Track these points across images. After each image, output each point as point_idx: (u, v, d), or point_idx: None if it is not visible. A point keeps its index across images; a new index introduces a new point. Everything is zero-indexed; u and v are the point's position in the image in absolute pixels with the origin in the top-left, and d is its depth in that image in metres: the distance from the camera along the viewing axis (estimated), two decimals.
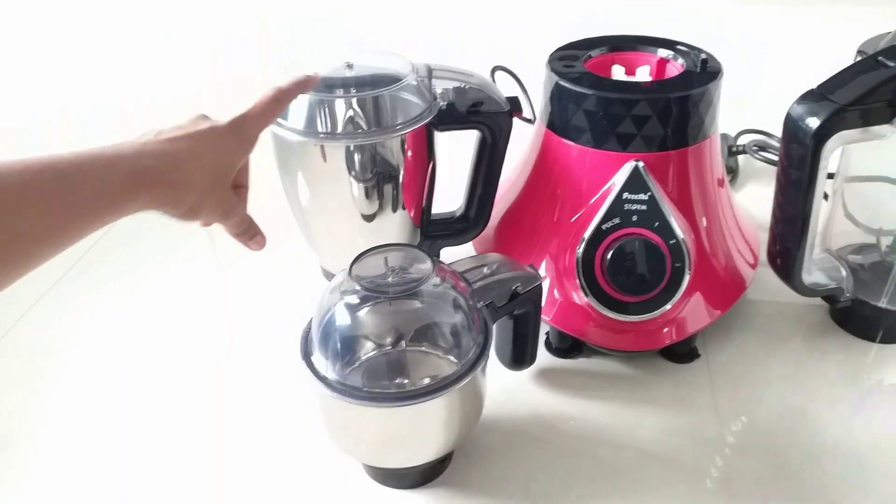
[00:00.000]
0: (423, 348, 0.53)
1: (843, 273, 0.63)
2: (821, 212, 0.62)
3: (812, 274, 0.62)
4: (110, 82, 1.30)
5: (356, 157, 0.60)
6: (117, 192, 0.38)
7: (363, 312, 0.51)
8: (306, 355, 0.49)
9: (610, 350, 0.64)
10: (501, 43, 1.22)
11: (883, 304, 0.61)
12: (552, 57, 0.64)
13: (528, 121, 0.85)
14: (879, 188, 0.63)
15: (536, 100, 0.67)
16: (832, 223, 0.66)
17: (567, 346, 0.65)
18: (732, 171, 0.91)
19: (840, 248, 0.66)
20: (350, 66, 0.61)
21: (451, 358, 0.50)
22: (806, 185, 0.55)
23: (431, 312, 0.51)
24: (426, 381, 0.47)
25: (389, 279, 0.49)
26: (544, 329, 0.65)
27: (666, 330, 0.61)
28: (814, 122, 0.52)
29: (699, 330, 0.63)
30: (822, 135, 0.53)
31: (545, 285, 0.63)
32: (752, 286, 0.67)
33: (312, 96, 0.59)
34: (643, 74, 0.65)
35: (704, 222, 0.63)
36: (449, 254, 0.73)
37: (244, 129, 0.45)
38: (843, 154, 0.63)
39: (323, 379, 0.47)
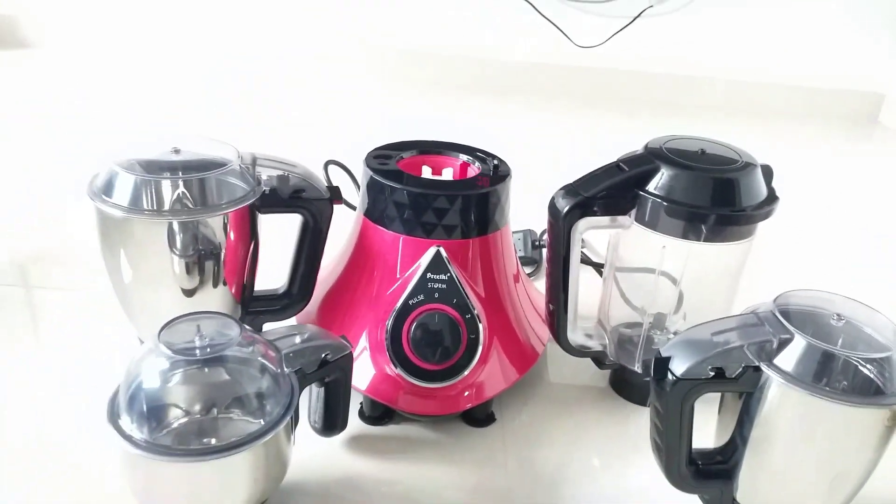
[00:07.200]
0: (233, 415, 0.56)
1: (607, 340, 0.75)
2: (602, 294, 0.75)
3: (579, 337, 0.74)
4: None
5: (178, 234, 0.64)
6: None
7: (172, 377, 0.54)
8: (112, 417, 0.51)
9: (417, 416, 0.70)
10: (335, 140, 1.33)
11: (638, 368, 0.73)
12: (369, 155, 0.73)
13: (353, 207, 0.93)
14: (645, 277, 0.76)
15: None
16: (608, 303, 0.77)
17: (379, 414, 0.71)
18: (536, 263, 1.03)
19: (619, 323, 0.78)
20: (177, 151, 0.65)
21: (260, 421, 0.54)
22: (562, 259, 0.69)
23: (239, 379, 0.55)
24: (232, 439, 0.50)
25: (197, 344, 0.53)
26: (358, 399, 0.70)
27: (467, 394, 0.69)
28: (564, 208, 0.67)
29: (496, 394, 0.70)
30: (571, 217, 0.67)
31: (364, 358, 0.68)
32: (547, 363, 0.76)
33: (139, 176, 0.63)
34: (447, 175, 0.76)
35: (499, 300, 0.72)
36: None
37: None
38: (609, 247, 0.76)
39: (128, 437, 0.49)
